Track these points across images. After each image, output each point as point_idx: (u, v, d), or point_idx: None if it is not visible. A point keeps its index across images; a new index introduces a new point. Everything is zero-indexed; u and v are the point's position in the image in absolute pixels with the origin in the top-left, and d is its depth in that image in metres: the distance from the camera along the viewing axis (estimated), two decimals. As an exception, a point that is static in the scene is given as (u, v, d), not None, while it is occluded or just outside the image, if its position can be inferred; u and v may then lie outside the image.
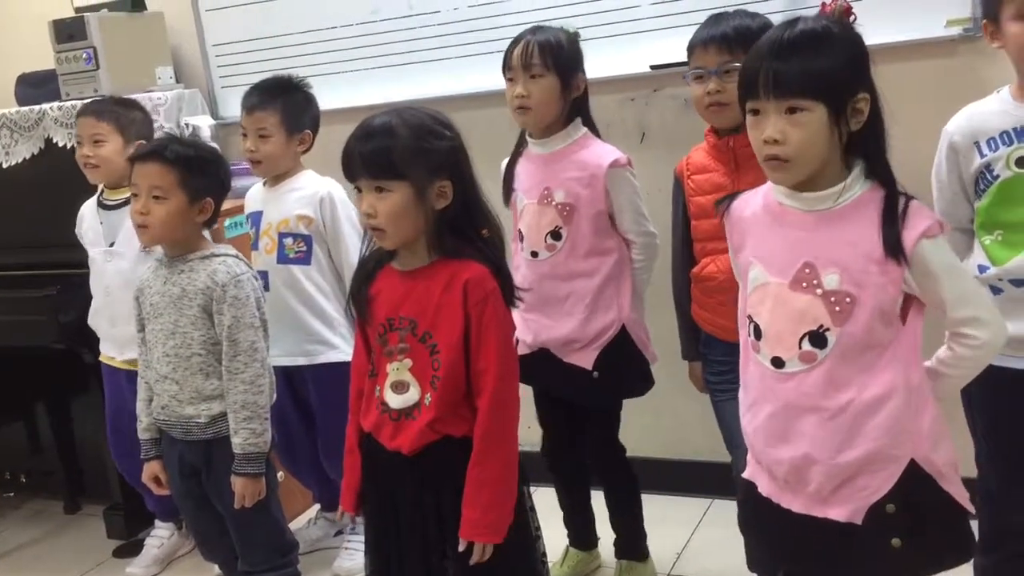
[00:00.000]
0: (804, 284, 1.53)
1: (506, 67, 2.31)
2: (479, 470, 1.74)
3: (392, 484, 1.83)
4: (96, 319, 2.86)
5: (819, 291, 1.52)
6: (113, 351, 2.83)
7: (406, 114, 1.75)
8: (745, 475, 1.69)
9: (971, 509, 1.57)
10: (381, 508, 1.87)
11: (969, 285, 1.57)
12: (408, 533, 1.82)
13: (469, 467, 1.74)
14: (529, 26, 2.34)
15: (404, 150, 1.71)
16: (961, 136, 1.92)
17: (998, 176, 1.86)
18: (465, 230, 1.79)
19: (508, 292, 1.80)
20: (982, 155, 1.88)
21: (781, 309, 1.55)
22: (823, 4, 1.62)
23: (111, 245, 2.77)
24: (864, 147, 1.53)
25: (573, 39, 2.33)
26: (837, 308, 1.50)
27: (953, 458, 1.57)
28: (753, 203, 1.64)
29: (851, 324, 1.50)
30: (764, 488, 1.63)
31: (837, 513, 1.53)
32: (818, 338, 1.52)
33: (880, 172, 1.54)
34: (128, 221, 2.33)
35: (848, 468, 1.52)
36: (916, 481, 1.52)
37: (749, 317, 1.61)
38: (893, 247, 1.48)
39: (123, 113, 2.79)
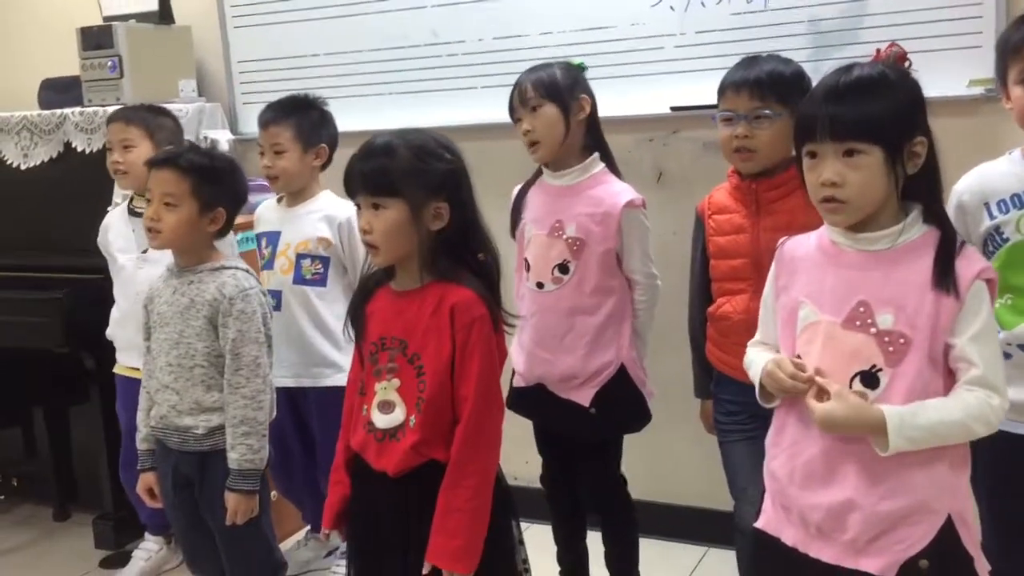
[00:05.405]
0: (858, 323, 1.51)
1: (512, 111, 2.32)
2: (448, 495, 1.72)
3: (377, 506, 1.82)
4: (119, 328, 2.83)
5: (873, 330, 1.49)
6: (136, 361, 2.77)
7: (409, 135, 1.78)
8: (761, 525, 1.64)
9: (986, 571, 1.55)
10: (365, 530, 1.85)
11: (1000, 355, 1.52)
12: (390, 558, 1.80)
13: (440, 491, 1.73)
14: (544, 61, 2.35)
15: (401, 169, 1.73)
16: (971, 196, 1.90)
17: (1008, 239, 1.84)
18: (461, 253, 1.79)
19: (498, 318, 1.78)
20: (992, 216, 1.86)
21: (832, 347, 1.53)
22: (877, 51, 1.61)
23: (144, 252, 2.74)
24: (920, 190, 1.53)
25: (571, 69, 2.32)
26: (891, 348, 1.48)
27: (976, 520, 1.55)
28: (806, 244, 1.63)
29: (904, 365, 1.48)
30: (790, 538, 1.58)
31: (870, 565, 1.49)
32: (870, 378, 1.49)
33: (937, 215, 1.53)
34: None
35: (889, 517, 1.48)
36: (949, 538, 1.49)
37: (797, 357, 1.57)
38: (947, 281, 1.46)
39: (152, 119, 2.81)
